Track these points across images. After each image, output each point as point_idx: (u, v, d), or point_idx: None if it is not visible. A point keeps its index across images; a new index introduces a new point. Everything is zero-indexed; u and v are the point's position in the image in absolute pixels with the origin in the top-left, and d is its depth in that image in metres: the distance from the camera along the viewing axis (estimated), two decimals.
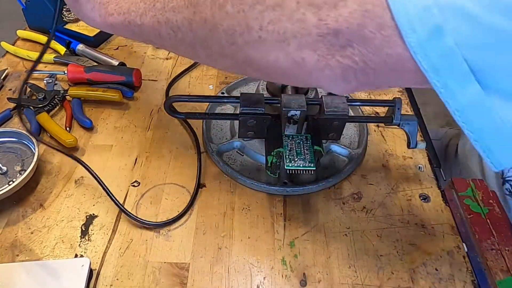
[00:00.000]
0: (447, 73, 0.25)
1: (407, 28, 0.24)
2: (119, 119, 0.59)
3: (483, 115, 0.26)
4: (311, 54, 0.28)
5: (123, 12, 0.38)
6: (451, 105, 0.26)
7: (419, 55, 0.24)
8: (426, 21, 0.24)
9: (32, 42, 0.74)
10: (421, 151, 0.55)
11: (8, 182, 0.48)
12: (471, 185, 0.50)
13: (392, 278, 0.42)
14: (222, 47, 0.32)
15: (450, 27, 0.23)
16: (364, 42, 0.26)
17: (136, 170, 0.52)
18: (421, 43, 0.24)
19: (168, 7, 0.34)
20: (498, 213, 0.47)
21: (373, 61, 0.27)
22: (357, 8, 0.25)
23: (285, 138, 0.46)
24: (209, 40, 0.33)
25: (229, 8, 0.30)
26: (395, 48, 0.25)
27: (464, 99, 0.25)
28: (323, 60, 0.28)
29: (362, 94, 0.65)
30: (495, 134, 0.26)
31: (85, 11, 0.42)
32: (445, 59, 0.24)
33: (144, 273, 0.42)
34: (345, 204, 0.49)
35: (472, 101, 0.25)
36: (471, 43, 0.24)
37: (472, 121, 0.26)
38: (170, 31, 0.35)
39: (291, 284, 0.42)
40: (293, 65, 0.30)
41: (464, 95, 0.25)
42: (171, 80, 0.66)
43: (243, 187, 0.51)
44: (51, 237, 0.45)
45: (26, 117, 0.58)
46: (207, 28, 0.32)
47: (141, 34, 0.38)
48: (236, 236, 0.46)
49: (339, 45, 0.27)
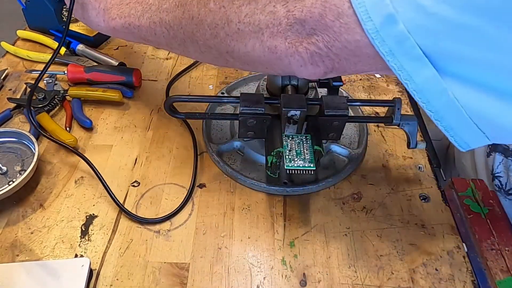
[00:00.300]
0: (403, 56, 0.27)
1: (364, 16, 0.27)
2: (119, 119, 0.59)
3: (439, 95, 0.28)
4: (282, 41, 0.32)
5: (124, 16, 0.43)
6: (409, 86, 0.28)
7: (377, 40, 0.27)
8: (380, 10, 0.26)
9: (32, 42, 0.74)
10: (421, 151, 0.55)
11: (8, 182, 0.48)
12: (471, 185, 0.50)
13: (392, 278, 0.42)
14: (207, 40, 0.37)
15: (401, 15, 0.26)
16: (326, 30, 0.29)
17: (136, 170, 0.52)
18: (377, 29, 0.27)
19: (162, 9, 0.40)
20: (498, 213, 0.47)
21: (335, 47, 0.30)
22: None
23: (285, 138, 0.46)
24: (196, 34, 0.37)
25: (212, 5, 0.35)
26: (354, 35, 0.28)
27: (420, 80, 0.28)
28: (293, 47, 0.32)
29: (362, 94, 0.65)
30: (452, 113, 0.29)
31: (91, 17, 0.47)
32: (399, 44, 0.27)
33: (144, 273, 0.42)
34: (345, 204, 0.49)
35: (428, 82, 0.28)
36: (420, 30, 0.26)
37: (430, 101, 0.29)
38: (163, 29, 0.40)
39: (291, 284, 0.42)
40: (268, 52, 0.33)
41: (419, 76, 0.28)
42: (171, 80, 0.66)
43: (243, 187, 0.51)
44: (51, 237, 0.45)
45: (26, 117, 0.58)
46: (194, 24, 0.37)
47: (140, 35, 0.43)
48: (236, 236, 0.46)
49: (306, 33, 0.31)
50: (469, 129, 0.29)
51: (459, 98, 0.28)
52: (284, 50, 0.32)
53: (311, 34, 0.30)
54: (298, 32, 0.31)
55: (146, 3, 0.41)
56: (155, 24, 0.40)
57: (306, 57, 0.32)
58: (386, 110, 0.50)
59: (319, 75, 0.33)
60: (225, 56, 0.37)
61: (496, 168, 0.59)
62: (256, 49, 0.34)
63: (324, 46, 0.30)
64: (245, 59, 0.36)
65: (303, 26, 0.30)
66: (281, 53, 0.33)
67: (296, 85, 0.50)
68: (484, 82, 0.27)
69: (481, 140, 0.30)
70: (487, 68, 0.26)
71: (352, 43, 0.29)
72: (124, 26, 0.43)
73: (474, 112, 0.28)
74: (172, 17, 0.38)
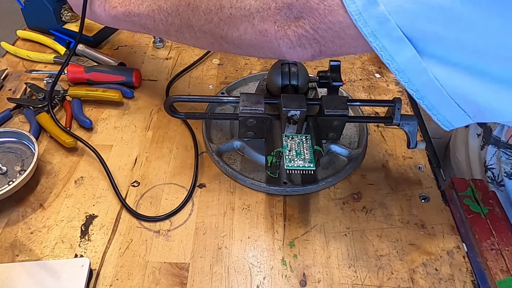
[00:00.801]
0: (384, 37, 0.29)
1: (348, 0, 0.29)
2: (119, 119, 0.59)
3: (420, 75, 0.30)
4: (271, 25, 0.34)
5: (125, 4, 0.46)
6: (391, 66, 0.30)
7: (359, 22, 0.29)
8: None
9: (32, 42, 0.74)
10: (421, 151, 0.55)
11: (8, 182, 0.48)
12: (471, 185, 0.50)
13: (392, 278, 0.42)
14: (202, 26, 0.39)
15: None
16: (311, 12, 0.31)
17: (136, 170, 0.52)
18: (360, 11, 0.28)
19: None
20: (498, 213, 0.47)
21: (320, 29, 0.32)
22: None
23: (285, 138, 0.46)
24: (192, 20, 0.40)
25: None
26: (337, 16, 0.30)
27: (401, 60, 0.29)
28: (282, 30, 0.34)
29: (362, 94, 0.65)
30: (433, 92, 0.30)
31: (94, 8, 0.50)
32: (381, 25, 0.28)
33: (144, 273, 0.42)
34: (345, 204, 0.49)
35: (409, 63, 0.29)
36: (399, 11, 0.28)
37: (411, 80, 0.30)
38: (162, 16, 0.42)
39: (291, 284, 0.42)
40: (258, 35, 0.35)
41: (400, 56, 0.29)
42: (171, 80, 0.66)
43: (243, 187, 0.51)
44: (51, 237, 0.45)
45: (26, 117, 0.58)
46: (190, 10, 0.39)
47: (140, 22, 0.46)
48: (236, 236, 0.46)
49: (293, 16, 0.32)
50: (450, 108, 0.31)
51: (438, 78, 0.29)
52: (274, 33, 0.34)
53: (298, 17, 0.32)
54: (286, 16, 0.33)
55: None
56: (154, 12, 0.43)
57: (294, 40, 0.33)
58: (386, 110, 0.50)
59: (307, 57, 0.35)
60: (219, 41, 0.40)
61: (490, 160, 0.59)
62: (248, 33, 0.36)
63: (311, 28, 0.32)
64: (238, 42, 0.38)
65: (290, 9, 0.32)
66: (271, 36, 0.34)
67: (296, 85, 0.50)
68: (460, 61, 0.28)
69: (463, 119, 0.31)
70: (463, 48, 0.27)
71: (336, 24, 0.30)
72: (125, 14, 0.46)
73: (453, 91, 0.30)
74: (170, 4, 0.41)
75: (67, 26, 0.73)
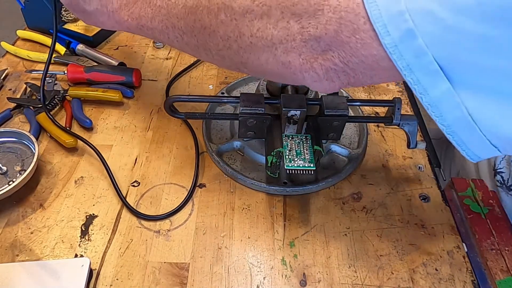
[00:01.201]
0: (420, 71, 0.27)
1: (383, 31, 0.27)
2: (119, 119, 0.59)
3: (452, 109, 0.28)
4: (296, 57, 0.31)
5: (135, 18, 0.42)
6: (424, 100, 0.28)
7: (395, 55, 0.27)
8: (399, 24, 0.26)
9: (32, 42, 0.74)
10: (421, 151, 0.55)
11: (8, 182, 0.48)
12: (471, 185, 0.50)
13: (392, 278, 0.42)
14: (220, 51, 0.36)
15: (421, 29, 0.26)
16: (341, 46, 0.29)
17: (136, 170, 0.52)
18: (396, 44, 0.27)
19: (172, 14, 0.38)
20: (498, 213, 0.47)
21: (351, 62, 0.30)
22: (333, 16, 0.28)
23: (285, 138, 0.46)
24: (209, 43, 0.36)
25: (223, 16, 0.33)
26: (370, 50, 0.28)
27: (435, 94, 0.28)
28: (307, 63, 0.31)
29: (362, 94, 0.65)
30: (465, 128, 0.29)
31: (104, 22, 0.46)
32: (417, 59, 0.27)
33: (144, 273, 0.42)
34: (345, 204, 0.49)
35: (443, 96, 0.28)
36: (438, 43, 0.26)
37: (443, 115, 0.29)
38: (177, 34, 0.38)
39: (291, 284, 0.42)
40: (281, 67, 0.33)
41: (435, 90, 0.28)
42: (171, 80, 0.66)
43: (243, 187, 0.51)
44: (51, 237, 0.45)
45: (26, 117, 0.58)
46: (207, 34, 0.35)
47: (154, 36, 0.42)
48: (236, 236, 0.46)
49: (321, 49, 0.30)
50: (481, 144, 0.29)
51: (472, 113, 0.28)
52: (299, 66, 0.32)
53: (326, 50, 0.30)
54: (313, 49, 0.30)
55: (154, 4, 0.39)
56: (168, 29, 0.39)
57: (321, 73, 0.31)
58: (386, 110, 0.50)
59: (335, 89, 0.33)
60: (239, 66, 0.37)
61: (499, 164, 0.59)
62: (270, 63, 0.33)
63: (340, 61, 0.30)
64: (259, 70, 0.36)
65: (318, 42, 0.30)
66: (295, 68, 0.32)
67: (296, 85, 0.50)
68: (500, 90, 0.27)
69: (492, 153, 0.30)
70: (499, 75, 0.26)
71: (369, 57, 0.29)
72: (138, 28, 0.43)
73: (487, 127, 0.28)
74: (184, 24, 0.37)
75: (67, 26, 0.73)
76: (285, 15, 0.30)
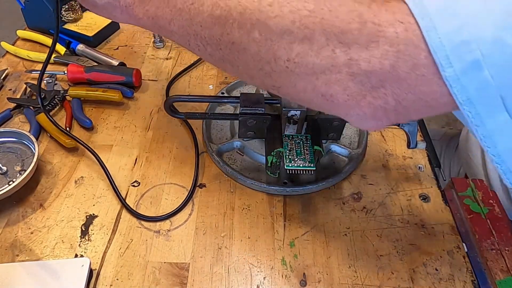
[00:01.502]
0: (481, 104, 0.25)
1: (445, 63, 0.24)
2: (119, 119, 0.59)
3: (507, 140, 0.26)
4: (340, 91, 0.28)
5: (151, 17, 0.38)
6: (478, 132, 0.26)
7: (455, 88, 0.24)
8: (463, 55, 0.24)
9: (32, 42, 0.74)
10: (421, 151, 0.55)
11: (8, 182, 0.48)
12: (471, 185, 0.50)
13: (392, 278, 0.42)
14: (250, 70, 0.32)
15: (488, 60, 0.23)
16: (397, 82, 0.26)
17: (136, 170, 0.52)
18: (458, 76, 0.24)
19: (195, 21, 0.33)
20: (498, 213, 0.47)
21: (406, 99, 0.26)
22: (389, 49, 0.25)
23: (285, 138, 0.46)
24: (237, 60, 0.32)
25: (256, 34, 0.29)
26: (431, 86, 0.25)
27: (492, 126, 0.25)
28: (353, 100, 0.28)
29: None
30: None
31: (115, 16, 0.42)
32: (481, 92, 0.24)
33: (144, 273, 0.42)
34: (345, 204, 0.49)
35: (499, 128, 0.25)
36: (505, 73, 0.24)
37: (497, 145, 0.26)
38: (199, 43, 0.34)
39: (291, 284, 0.42)
40: (321, 98, 0.29)
41: (492, 122, 0.25)
42: (171, 80, 0.66)
43: (243, 187, 0.51)
44: (51, 237, 0.45)
45: (26, 117, 0.58)
46: (235, 50, 0.31)
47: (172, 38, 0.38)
48: (236, 236, 0.46)
49: (371, 85, 0.27)
50: None
51: None
52: (343, 102, 0.28)
53: (377, 86, 0.26)
54: (362, 84, 0.27)
55: (174, 5, 0.35)
56: (190, 36, 0.34)
57: (369, 112, 0.28)
58: None
59: (377, 128, 0.31)
60: (270, 88, 0.34)
61: None
62: (308, 92, 0.30)
63: (393, 99, 0.27)
64: (295, 97, 0.32)
65: (368, 78, 0.26)
66: (338, 103, 0.29)
67: None
68: None
69: None
70: None
71: (429, 94, 0.26)
72: (155, 27, 0.38)
73: None
74: (209, 34, 0.32)
75: (67, 26, 0.73)
76: (331, 42, 0.27)
